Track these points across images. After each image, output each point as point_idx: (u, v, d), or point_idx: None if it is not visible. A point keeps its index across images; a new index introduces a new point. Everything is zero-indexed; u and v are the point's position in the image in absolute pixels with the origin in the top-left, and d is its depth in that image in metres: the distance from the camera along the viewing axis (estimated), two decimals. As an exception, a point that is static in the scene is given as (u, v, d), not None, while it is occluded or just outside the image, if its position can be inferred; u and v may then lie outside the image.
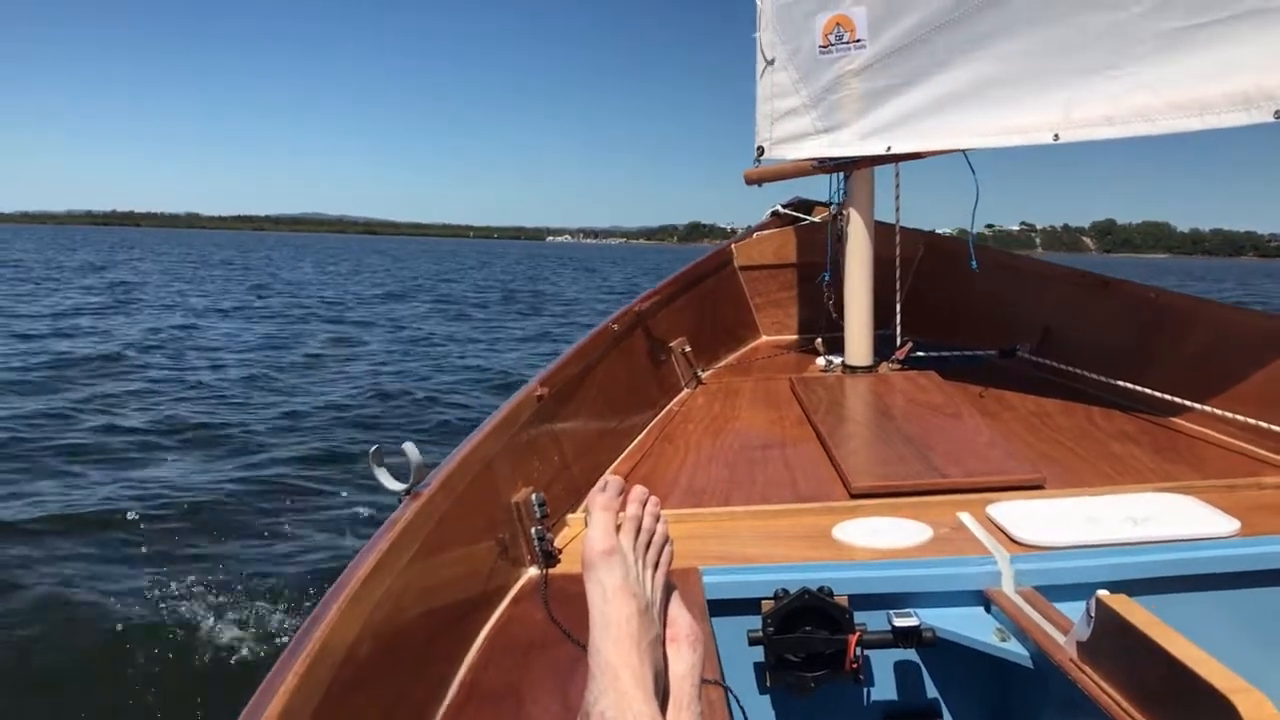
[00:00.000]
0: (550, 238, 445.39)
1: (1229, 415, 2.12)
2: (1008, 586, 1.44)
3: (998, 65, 2.44)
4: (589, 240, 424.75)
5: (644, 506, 1.02)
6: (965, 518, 1.67)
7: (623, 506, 1.00)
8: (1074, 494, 1.77)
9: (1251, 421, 2.06)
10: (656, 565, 1.00)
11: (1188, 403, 2.24)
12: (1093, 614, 1.12)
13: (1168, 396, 2.28)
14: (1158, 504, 1.66)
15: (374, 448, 1.33)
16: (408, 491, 1.34)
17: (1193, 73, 2.09)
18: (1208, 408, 2.18)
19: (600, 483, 1.00)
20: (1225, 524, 1.54)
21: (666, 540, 1.03)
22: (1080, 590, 1.41)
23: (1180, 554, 1.46)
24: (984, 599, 1.44)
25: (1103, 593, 1.13)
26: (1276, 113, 1.95)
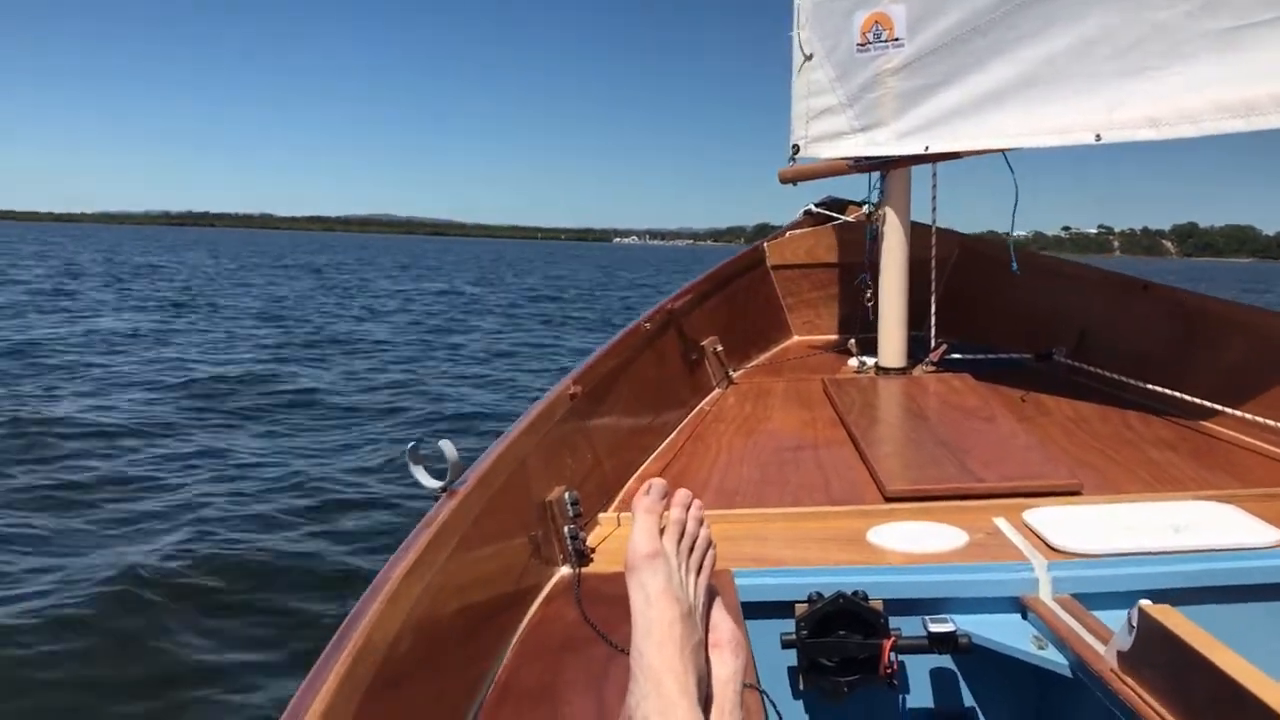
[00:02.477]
0: (617, 239, 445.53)
1: (1270, 423, 2.06)
2: (1045, 594, 1.42)
3: (1038, 65, 2.40)
4: (656, 242, 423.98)
5: (688, 510, 1.00)
6: (1001, 523, 1.65)
7: (666, 509, 0.99)
8: (1112, 501, 1.74)
9: None
10: (700, 569, 0.99)
11: (1228, 409, 2.19)
12: (1135, 623, 1.10)
13: (1207, 403, 2.23)
14: (1198, 512, 1.63)
15: (411, 445, 1.33)
16: (444, 489, 1.34)
17: (1239, 74, 2.04)
18: (1248, 414, 2.13)
19: (644, 485, 0.98)
20: (1266, 534, 1.51)
21: (709, 544, 1.02)
22: (1119, 599, 1.38)
23: (1221, 564, 1.44)
24: (1021, 606, 1.42)
25: (1145, 602, 1.11)
26: None
